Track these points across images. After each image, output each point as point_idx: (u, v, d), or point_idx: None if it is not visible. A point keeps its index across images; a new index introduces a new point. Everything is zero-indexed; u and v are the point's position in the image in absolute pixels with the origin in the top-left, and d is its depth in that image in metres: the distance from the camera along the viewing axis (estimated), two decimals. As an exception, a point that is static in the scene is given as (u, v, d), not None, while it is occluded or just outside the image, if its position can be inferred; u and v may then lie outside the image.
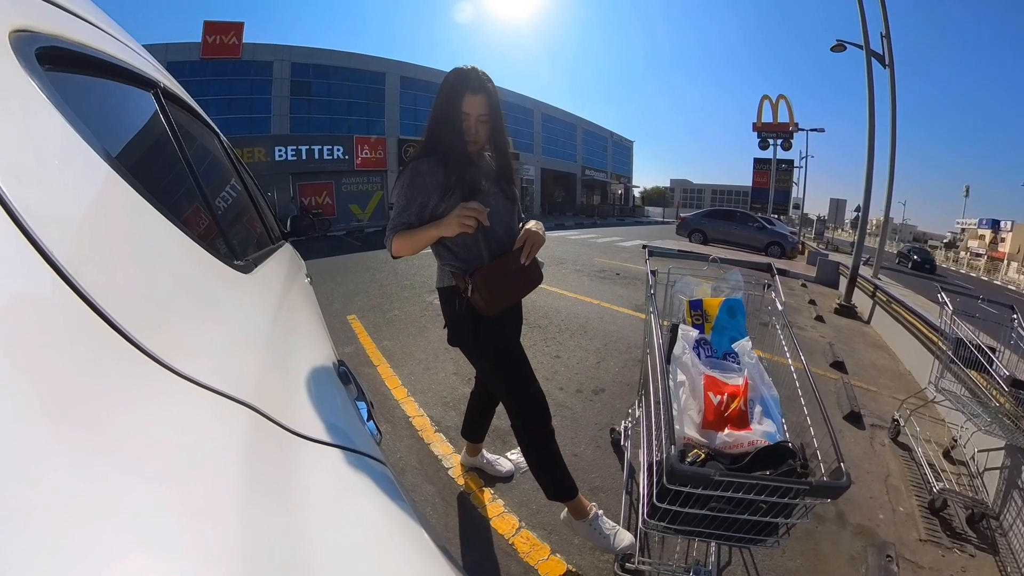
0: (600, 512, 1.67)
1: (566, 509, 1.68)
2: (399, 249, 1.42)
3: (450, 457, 2.25)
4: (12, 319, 0.29)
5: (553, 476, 1.62)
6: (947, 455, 2.43)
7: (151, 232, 0.52)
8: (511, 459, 2.17)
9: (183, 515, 0.31)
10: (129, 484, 0.29)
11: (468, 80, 1.37)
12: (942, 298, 2.38)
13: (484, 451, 2.12)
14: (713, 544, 1.32)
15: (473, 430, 2.02)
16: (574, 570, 1.63)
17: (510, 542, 1.74)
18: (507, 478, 2.08)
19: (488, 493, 2.00)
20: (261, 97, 18.71)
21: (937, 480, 2.08)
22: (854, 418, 2.80)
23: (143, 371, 0.37)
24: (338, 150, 19.47)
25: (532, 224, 1.52)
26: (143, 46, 0.94)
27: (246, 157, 16.26)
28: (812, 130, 23.40)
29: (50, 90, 0.43)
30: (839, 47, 7.45)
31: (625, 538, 1.61)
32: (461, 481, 2.08)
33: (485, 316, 1.44)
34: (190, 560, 0.28)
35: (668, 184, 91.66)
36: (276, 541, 0.35)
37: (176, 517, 0.30)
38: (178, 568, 0.27)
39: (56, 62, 0.49)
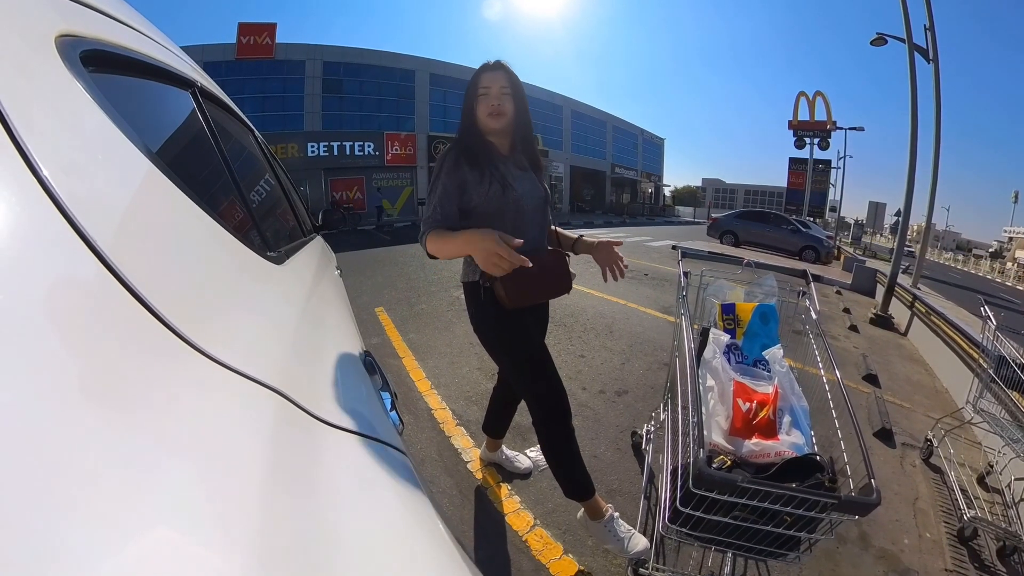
0: (616, 514, 1.65)
1: (582, 509, 1.66)
2: (435, 251, 1.38)
3: (470, 451, 2.27)
4: (57, 302, 0.31)
5: (571, 475, 1.60)
6: (981, 481, 2.29)
7: (189, 223, 0.54)
8: (530, 456, 2.17)
9: (209, 491, 0.32)
10: (161, 460, 0.30)
11: (484, 66, 1.43)
12: (985, 312, 2.24)
13: (504, 447, 2.13)
14: (730, 555, 1.29)
15: (494, 426, 2.03)
16: (586, 571, 1.62)
17: (524, 539, 1.74)
18: (525, 475, 2.08)
19: (505, 489, 2.00)
20: (294, 95, 19.25)
21: (968, 507, 1.96)
22: (885, 435, 2.69)
23: (179, 354, 0.39)
24: (369, 146, 19.84)
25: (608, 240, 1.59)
26: (180, 47, 0.98)
27: (280, 153, 16.72)
28: (851, 128, 22.26)
29: (94, 90, 0.46)
30: (880, 40, 7.10)
31: (640, 542, 1.59)
32: (479, 475, 2.09)
33: (509, 313, 1.44)
34: (213, 534, 0.29)
35: (700, 183, 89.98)
36: (295, 521, 0.36)
37: (202, 493, 0.31)
38: (201, 541, 0.28)
39: (99, 64, 0.52)
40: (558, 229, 1.71)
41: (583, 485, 1.61)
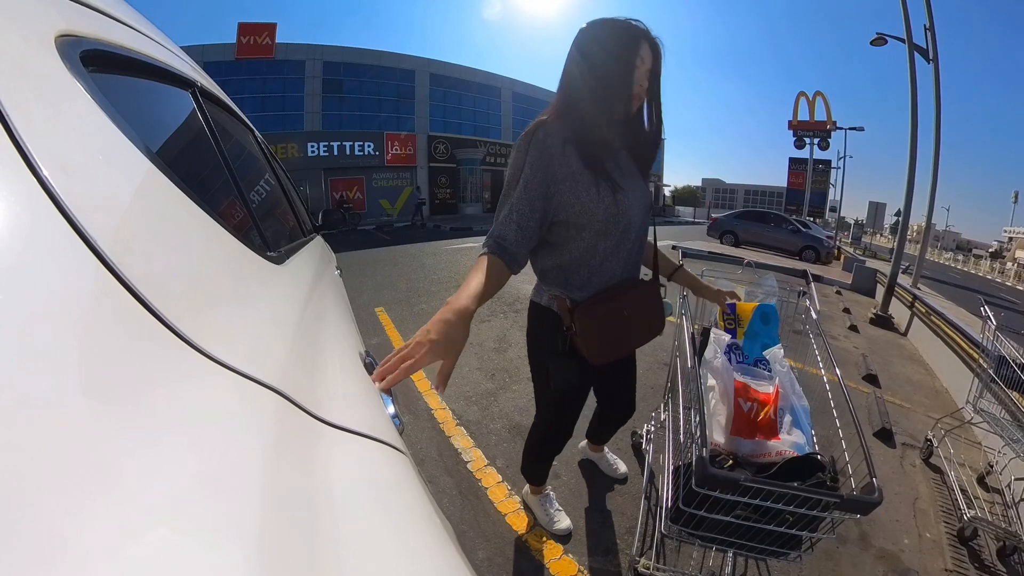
0: (552, 495, 1.84)
1: (527, 485, 1.83)
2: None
3: (470, 451, 2.27)
4: (57, 302, 0.31)
5: (535, 467, 1.74)
6: (981, 481, 2.29)
7: (189, 223, 0.54)
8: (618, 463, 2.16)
9: (209, 491, 0.32)
10: (160, 460, 0.30)
11: (646, 32, 1.08)
12: (985, 312, 2.24)
13: (607, 448, 2.14)
14: (730, 555, 1.29)
15: (597, 432, 2.01)
16: (585, 571, 1.62)
17: (523, 539, 1.74)
18: (621, 480, 2.08)
19: (505, 489, 2.00)
20: (294, 95, 19.23)
21: (968, 507, 1.96)
22: (885, 435, 2.69)
23: (179, 354, 0.39)
24: (369, 146, 19.80)
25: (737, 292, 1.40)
26: (181, 47, 0.98)
27: (280, 153, 16.73)
28: (851, 128, 22.27)
29: (94, 90, 0.45)
30: (880, 40, 7.11)
31: (563, 522, 1.75)
32: (479, 475, 2.09)
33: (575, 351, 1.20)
34: (213, 533, 0.29)
35: (700, 183, 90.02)
36: (295, 521, 0.36)
37: (202, 492, 0.31)
38: (201, 541, 0.28)
39: (99, 64, 0.52)
40: (658, 247, 1.45)
41: (539, 477, 1.77)
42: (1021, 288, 24.32)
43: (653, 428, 2.19)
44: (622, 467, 2.11)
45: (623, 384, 1.61)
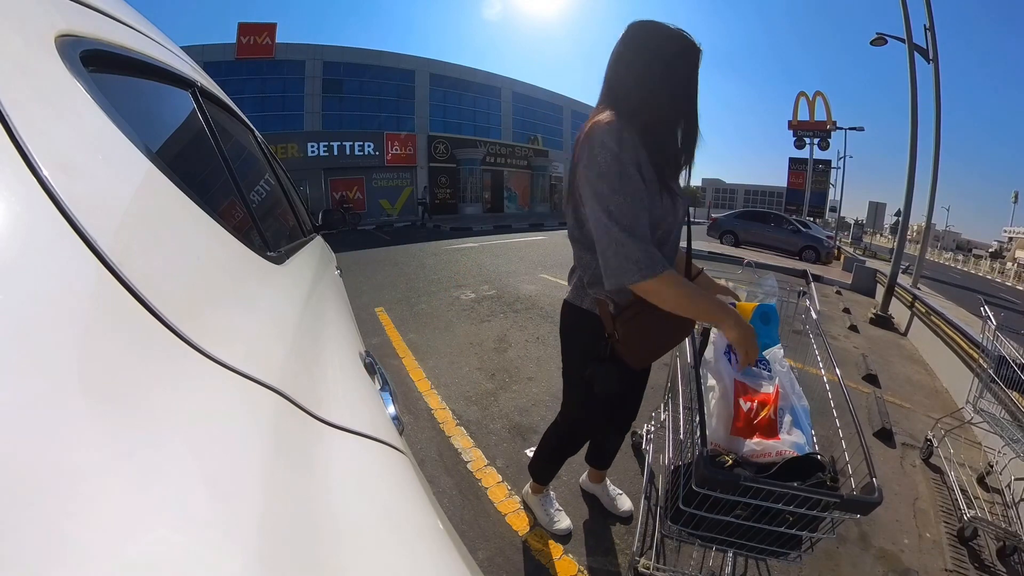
0: (553, 495, 1.86)
1: (529, 484, 1.86)
2: (669, 300, 1.05)
3: (470, 451, 2.27)
4: (57, 302, 0.31)
5: (546, 466, 1.75)
6: (981, 481, 2.29)
7: (189, 223, 0.54)
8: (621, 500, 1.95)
9: (209, 491, 0.32)
10: (160, 460, 0.30)
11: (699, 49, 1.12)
12: (985, 312, 2.24)
13: (608, 481, 1.97)
14: (730, 554, 1.29)
15: (597, 456, 1.88)
16: (585, 571, 1.62)
17: (524, 539, 1.74)
18: (624, 518, 1.87)
19: (505, 489, 2.00)
20: (294, 95, 19.27)
21: (968, 507, 1.96)
22: (885, 435, 2.69)
23: (179, 354, 0.39)
24: (368, 146, 19.82)
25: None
26: (181, 47, 0.98)
27: (280, 153, 16.74)
28: (851, 128, 22.32)
29: (94, 90, 0.45)
30: (880, 40, 7.11)
31: (563, 522, 1.76)
32: (479, 475, 2.09)
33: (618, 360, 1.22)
34: (213, 534, 0.29)
35: (700, 183, 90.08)
36: (295, 521, 0.36)
37: (202, 492, 0.31)
38: (201, 541, 0.28)
39: (99, 64, 0.52)
40: (690, 254, 1.39)
41: (545, 476, 1.79)
42: (1021, 288, 24.30)
43: (653, 428, 2.19)
44: (625, 503, 1.90)
45: (639, 388, 1.57)
